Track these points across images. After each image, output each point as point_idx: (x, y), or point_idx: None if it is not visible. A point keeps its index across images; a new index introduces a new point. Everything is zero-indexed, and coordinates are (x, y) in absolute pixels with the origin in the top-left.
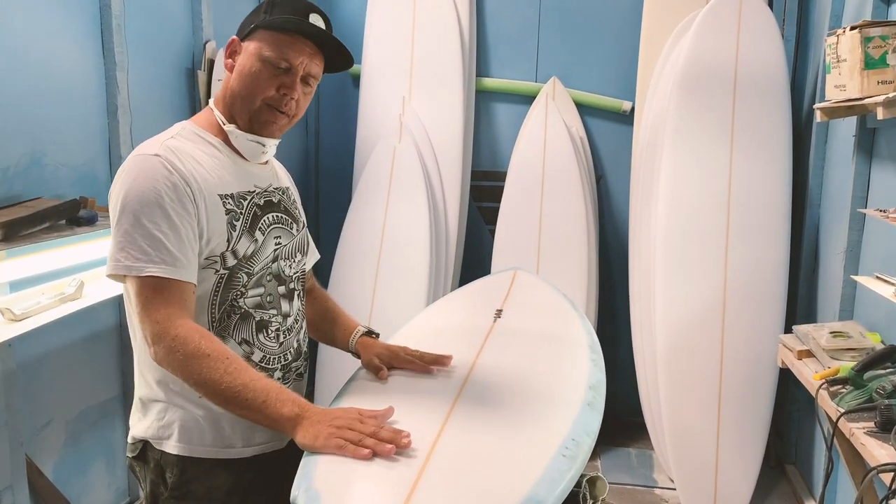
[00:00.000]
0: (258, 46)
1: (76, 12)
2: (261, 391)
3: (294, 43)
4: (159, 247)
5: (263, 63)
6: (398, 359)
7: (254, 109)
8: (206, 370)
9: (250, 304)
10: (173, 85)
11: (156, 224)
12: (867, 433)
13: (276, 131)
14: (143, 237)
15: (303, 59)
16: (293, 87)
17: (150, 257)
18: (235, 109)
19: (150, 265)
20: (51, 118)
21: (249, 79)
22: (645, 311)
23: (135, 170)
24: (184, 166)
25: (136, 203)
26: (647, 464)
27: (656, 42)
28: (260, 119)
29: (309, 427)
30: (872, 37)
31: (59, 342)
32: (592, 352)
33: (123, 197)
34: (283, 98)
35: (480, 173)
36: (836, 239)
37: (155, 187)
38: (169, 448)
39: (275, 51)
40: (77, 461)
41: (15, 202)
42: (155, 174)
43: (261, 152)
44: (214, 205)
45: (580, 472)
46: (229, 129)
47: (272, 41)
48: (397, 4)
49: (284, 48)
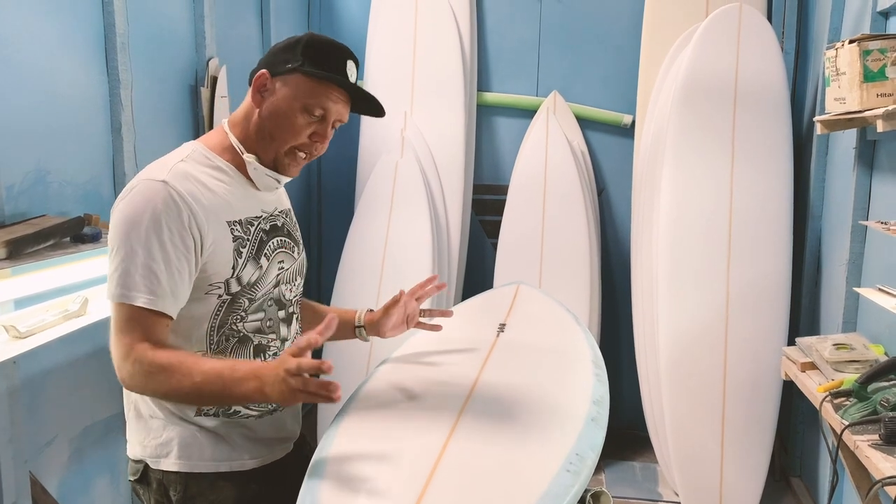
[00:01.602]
0: (297, 91)
1: (81, 31)
2: (216, 380)
3: (332, 93)
4: (151, 278)
5: (301, 110)
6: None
7: (282, 152)
8: (164, 382)
9: (250, 328)
10: (177, 102)
11: (151, 255)
12: (872, 446)
13: (297, 171)
14: (138, 266)
15: (338, 109)
16: (325, 135)
17: (138, 288)
18: (261, 145)
19: (139, 295)
20: (55, 136)
21: (285, 122)
22: (648, 324)
23: (140, 194)
24: (191, 195)
25: (136, 231)
26: (651, 477)
27: (656, 56)
28: (285, 161)
29: (273, 392)
30: (871, 50)
31: (63, 359)
32: (596, 366)
33: (124, 221)
34: (314, 144)
35: (482, 187)
36: (838, 251)
37: (157, 218)
38: (169, 466)
39: (314, 99)
40: (81, 478)
41: (20, 220)
42: (160, 203)
43: (274, 187)
44: (222, 232)
45: (584, 488)
46: (249, 159)
47: (311, 89)
48: (399, 20)
49: (325, 99)
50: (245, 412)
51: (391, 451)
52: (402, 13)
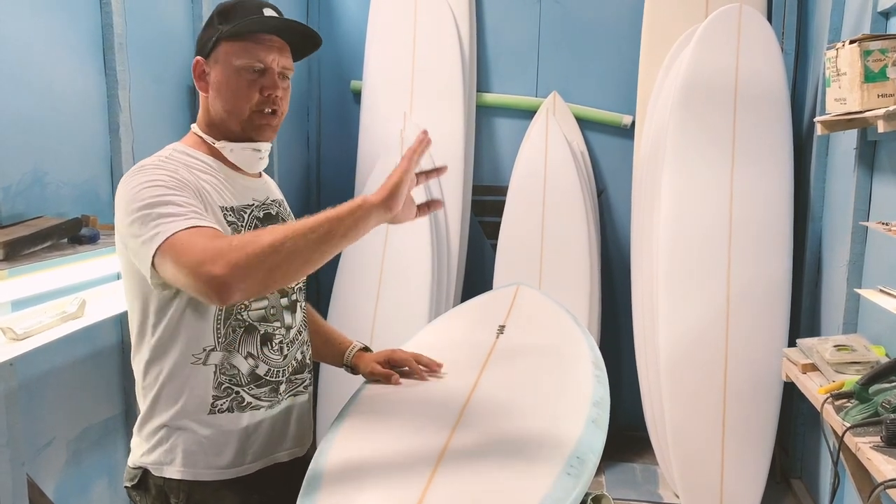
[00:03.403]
0: (227, 58)
1: (79, 32)
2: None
3: (261, 42)
4: (180, 208)
5: (239, 72)
6: (394, 359)
7: (244, 119)
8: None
9: (255, 316)
10: (174, 102)
11: (172, 199)
12: (873, 448)
13: (271, 132)
14: (166, 206)
15: (274, 56)
16: (274, 85)
17: (172, 222)
18: (225, 126)
19: (177, 224)
20: (53, 137)
21: (230, 93)
22: (648, 325)
23: (137, 173)
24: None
25: (149, 193)
26: (651, 479)
27: (656, 56)
28: (253, 125)
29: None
30: (872, 50)
31: (60, 361)
32: (596, 368)
33: (133, 194)
34: (269, 98)
35: (482, 188)
36: (839, 252)
37: (162, 179)
38: (172, 473)
39: (245, 57)
40: (79, 481)
41: (17, 221)
42: (159, 170)
43: (258, 158)
44: (217, 217)
45: (585, 491)
46: (221, 145)
47: (239, 49)
48: (398, 20)
49: (254, 51)
50: (256, 403)
51: (390, 454)
52: (402, 14)
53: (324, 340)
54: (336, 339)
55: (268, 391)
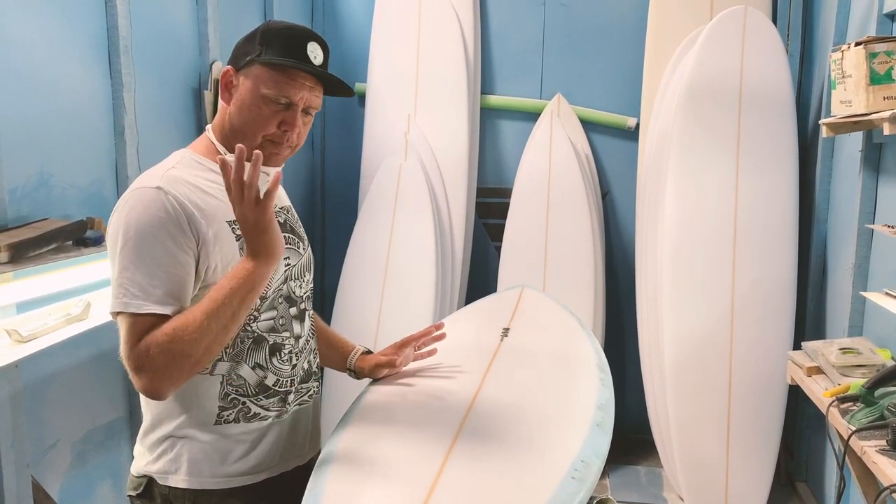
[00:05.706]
0: (256, 82)
1: (84, 34)
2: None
3: (293, 80)
4: (153, 284)
5: (264, 100)
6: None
7: (255, 145)
8: (181, 340)
9: (263, 327)
10: (180, 105)
11: (154, 260)
12: (879, 451)
13: (280, 161)
14: (142, 274)
15: (303, 95)
16: (294, 123)
17: (139, 297)
18: (238, 141)
19: (141, 304)
20: (58, 139)
21: (250, 116)
22: (652, 327)
23: (135, 203)
24: (187, 198)
25: (136, 237)
26: (656, 482)
27: (661, 58)
28: (263, 151)
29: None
30: (878, 52)
31: (65, 363)
32: (601, 371)
33: (124, 231)
34: (285, 134)
35: (486, 190)
36: (844, 255)
37: (153, 224)
38: (177, 482)
39: (274, 89)
40: (83, 483)
41: (22, 223)
42: (155, 208)
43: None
44: (224, 232)
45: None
46: (229, 159)
47: (271, 79)
48: (402, 22)
49: (284, 87)
50: (263, 413)
51: (394, 458)
52: (406, 17)
53: (327, 345)
54: (339, 344)
55: (276, 401)
